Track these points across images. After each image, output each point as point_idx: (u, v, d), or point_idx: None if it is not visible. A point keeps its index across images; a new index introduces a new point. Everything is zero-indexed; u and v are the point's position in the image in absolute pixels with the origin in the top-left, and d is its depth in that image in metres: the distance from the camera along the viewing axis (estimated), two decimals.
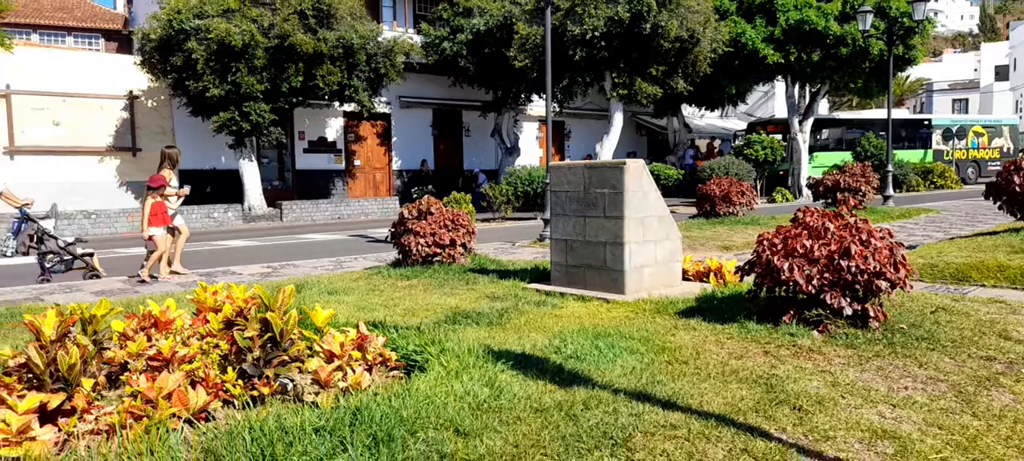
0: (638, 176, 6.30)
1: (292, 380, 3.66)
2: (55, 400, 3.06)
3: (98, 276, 9.04)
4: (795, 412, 3.36)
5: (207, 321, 4.13)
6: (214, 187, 20.03)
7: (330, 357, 3.73)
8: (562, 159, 25.86)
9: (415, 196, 19.45)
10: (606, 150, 20.13)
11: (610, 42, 17.71)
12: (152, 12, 17.51)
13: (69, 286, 8.31)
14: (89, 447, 2.77)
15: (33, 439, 2.85)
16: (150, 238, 8.51)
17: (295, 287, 4.58)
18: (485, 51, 20.09)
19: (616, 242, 6.24)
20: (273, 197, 20.05)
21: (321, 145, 22.15)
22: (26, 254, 9.09)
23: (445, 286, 7.08)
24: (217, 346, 3.85)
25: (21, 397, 3.02)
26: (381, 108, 21.70)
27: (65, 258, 9.03)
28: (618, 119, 20.23)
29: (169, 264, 8.98)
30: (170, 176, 8.92)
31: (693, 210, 15.37)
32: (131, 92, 19.19)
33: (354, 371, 3.70)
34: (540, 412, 3.35)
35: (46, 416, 3.03)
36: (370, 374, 3.83)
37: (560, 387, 3.72)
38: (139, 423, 2.94)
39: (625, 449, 2.95)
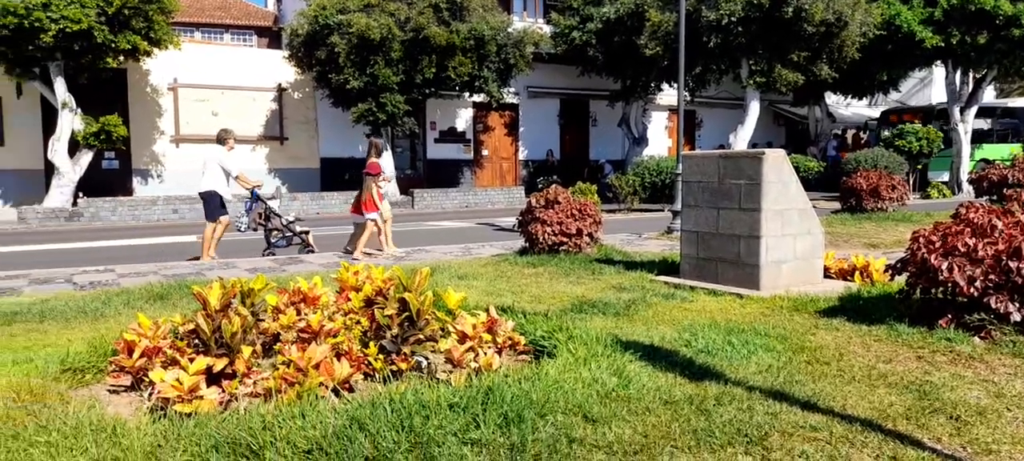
0: (778, 166, 6.02)
1: (427, 358, 3.81)
2: (219, 363, 3.36)
3: (312, 251, 9.94)
4: (952, 422, 3.11)
5: (349, 299, 4.38)
6: (352, 175, 21.09)
7: (462, 338, 3.85)
8: (692, 150, 25.15)
9: (540, 186, 19.60)
10: (740, 140, 19.37)
11: (747, 27, 16.99)
12: (300, 9, 18.67)
13: (226, 262, 9.05)
14: (248, 408, 3.02)
15: (201, 398, 3.14)
16: (371, 219, 9.40)
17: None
18: (614, 39, 19.87)
19: (752, 235, 6.00)
20: (405, 185, 20.86)
21: (451, 135, 22.78)
22: (255, 230, 10.10)
23: (571, 275, 7.10)
24: (358, 322, 4.07)
25: (191, 360, 3.34)
26: (509, 98, 22.00)
27: (286, 234, 9.99)
28: (754, 108, 19.39)
29: (354, 243, 9.78)
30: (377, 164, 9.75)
31: (836, 205, 14.50)
32: (280, 85, 20.56)
33: (485, 353, 3.80)
34: (669, 404, 3.30)
35: (211, 378, 3.33)
36: (500, 356, 3.92)
37: (690, 381, 3.64)
38: (292, 389, 3.17)
39: (761, 448, 2.85)
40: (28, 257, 10.57)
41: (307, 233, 10.12)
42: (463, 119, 22.94)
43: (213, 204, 9.41)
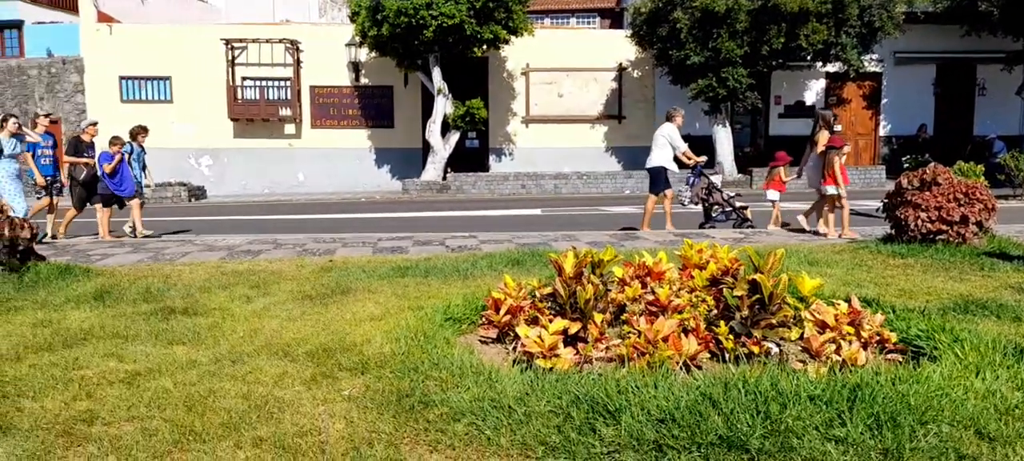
0: None
1: (779, 344, 3.57)
2: (574, 327, 3.56)
3: (751, 225, 10.13)
4: None
5: (692, 277, 4.31)
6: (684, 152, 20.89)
7: (822, 327, 3.53)
8: None
9: (905, 165, 17.22)
10: None
11: None
12: None
13: (569, 235, 9.62)
14: (602, 371, 3.14)
15: (558, 356, 3.36)
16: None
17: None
18: None
19: None
20: (744, 163, 20.01)
21: (798, 110, 21.17)
22: (696, 204, 10.56)
23: (951, 269, 6.09)
24: (703, 301, 3.99)
25: (550, 321, 3.59)
26: (871, 67, 19.68)
27: (726, 209, 10.35)
28: None
29: (809, 217, 9.52)
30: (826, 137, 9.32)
31: None
32: (620, 64, 21.13)
33: (849, 345, 3.44)
34: None
35: (567, 339, 3.55)
36: (865, 352, 3.51)
37: None
38: (642, 358, 3.22)
39: None
40: (411, 222, 12.52)
41: (746, 208, 10.24)
42: (813, 92, 21.15)
43: (660, 179, 9.94)
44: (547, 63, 21.00)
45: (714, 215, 10.15)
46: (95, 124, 10.61)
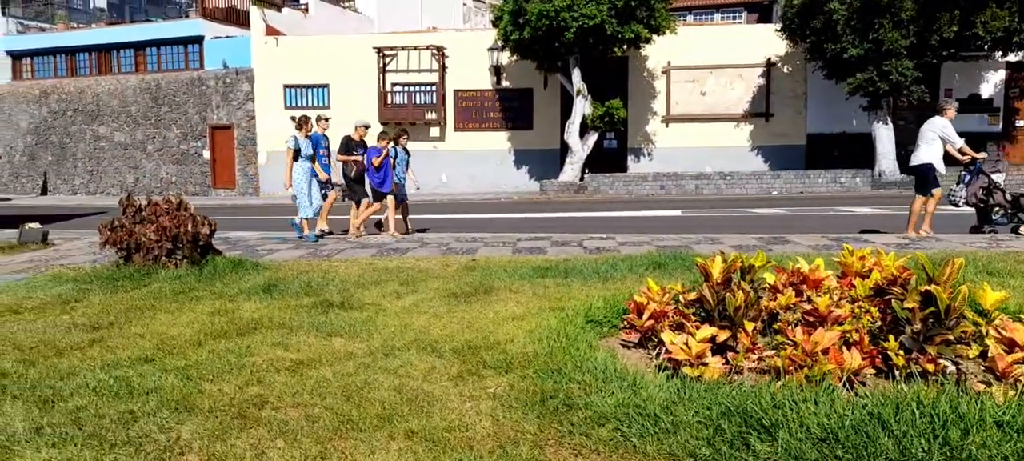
0: None
1: (956, 363, 3.25)
2: (723, 335, 3.42)
3: None
4: None
5: (853, 285, 4.02)
6: (842, 151, 19.63)
7: (1010, 345, 3.17)
8: None
9: None
10: None
11: None
12: None
13: (712, 238, 9.28)
14: (754, 384, 2.99)
15: (706, 365, 3.24)
16: None
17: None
18: None
19: None
20: (904, 161, 18.46)
21: (972, 104, 19.25)
22: (972, 206, 9.55)
23: None
24: (867, 312, 3.70)
25: (697, 327, 3.47)
26: None
27: (1008, 212, 9.28)
28: None
29: None
30: None
31: None
32: (768, 59, 20.15)
33: None
34: None
35: (714, 348, 3.41)
36: None
37: None
38: (799, 372, 3.04)
39: None
40: (549, 222, 12.59)
41: None
42: (990, 84, 19.15)
43: (929, 177, 9.12)
44: (689, 61, 20.42)
45: (994, 217, 9.17)
46: (367, 126, 10.86)
